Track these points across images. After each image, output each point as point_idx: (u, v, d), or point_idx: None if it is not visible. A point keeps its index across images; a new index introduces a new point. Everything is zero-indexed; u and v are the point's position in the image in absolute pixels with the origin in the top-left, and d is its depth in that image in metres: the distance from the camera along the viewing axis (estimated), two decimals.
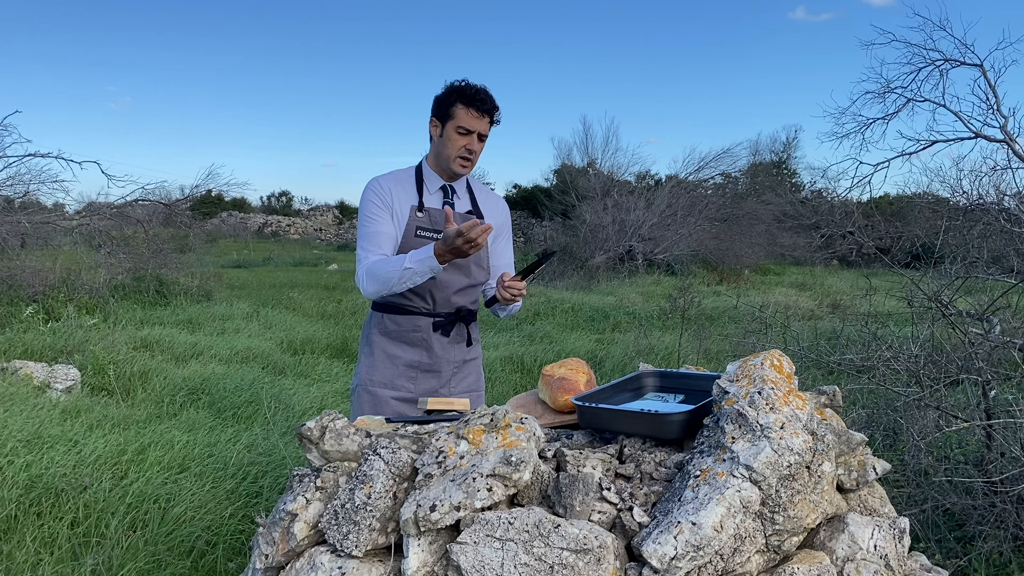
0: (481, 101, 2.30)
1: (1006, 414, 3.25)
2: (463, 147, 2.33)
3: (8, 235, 10.44)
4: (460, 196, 2.47)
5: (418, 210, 2.37)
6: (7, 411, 4.12)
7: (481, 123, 2.32)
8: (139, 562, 2.78)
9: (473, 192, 2.53)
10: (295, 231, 32.86)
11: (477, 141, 2.34)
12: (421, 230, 2.37)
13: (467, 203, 2.49)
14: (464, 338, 2.49)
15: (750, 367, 1.61)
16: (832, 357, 4.32)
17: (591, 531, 1.31)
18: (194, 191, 14.02)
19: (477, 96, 2.30)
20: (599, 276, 16.17)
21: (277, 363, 6.70)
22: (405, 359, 2.43)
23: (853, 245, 7.27)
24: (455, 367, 2.48)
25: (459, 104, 2.31)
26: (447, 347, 2.45)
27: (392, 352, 2.43)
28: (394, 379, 2.43)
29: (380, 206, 2.37)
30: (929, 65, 5.96)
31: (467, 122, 2.31)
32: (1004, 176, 5.42)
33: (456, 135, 2.33)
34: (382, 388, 2.43)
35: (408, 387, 2.43)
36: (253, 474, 3.60)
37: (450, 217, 2.25)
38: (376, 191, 2.39)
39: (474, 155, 2.36)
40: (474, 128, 2.32)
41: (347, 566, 1.38)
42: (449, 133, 2.34)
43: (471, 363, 2.55)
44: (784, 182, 26.70)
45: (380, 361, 2.44)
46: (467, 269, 2.41)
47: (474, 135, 2.33)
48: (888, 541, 1.51)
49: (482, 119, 2.32)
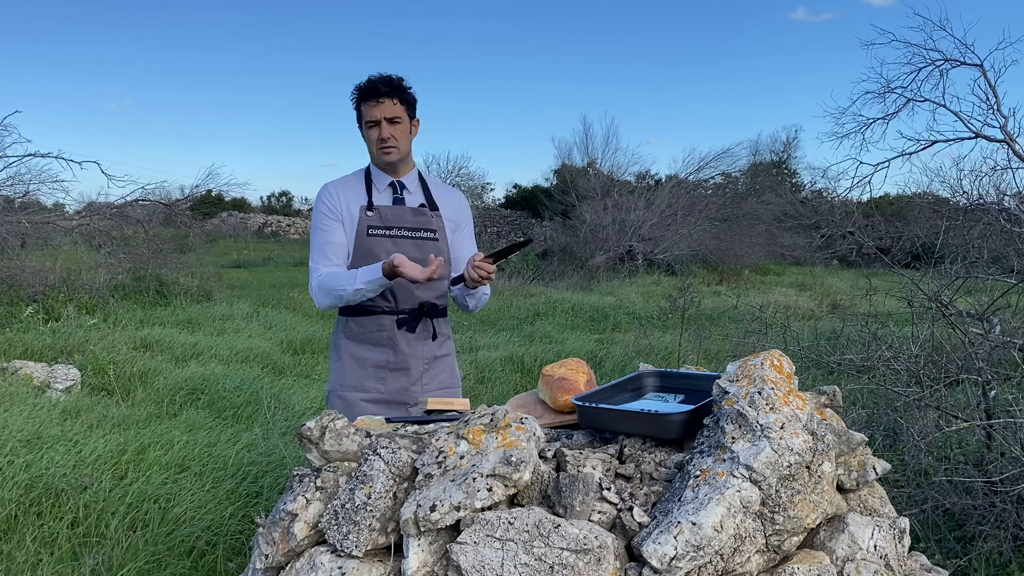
0: (374, 89, 2.33)
1: (1006, 414, 3.25)
2: (377, 138, 2.38)
3: (8, 235, 10.44)
4: (411, 191, 2.48)
5: (368, 210, 2.40)
6: (7, 411, 4.11)
7: (383, 108, 2.34)
8: (139, 562, 2.78)
9: (428, 186, 2.52)
10: (295, 231, 32.85)
11: (388, 126, 2.36)
12: (372, 229, 2.39)
13: (419, 197, 2.49)
14: (430, 333, 2.48)
15: (750, 367, 1.61)
16: (832, 357, 4.32)
17: (591, 531, 1.31)
18: (194, 191, 14.04)
19: (370, 87, 2.35)
20: (599, 276, 16.17)
21: (277, 363, 6.70)
22: (372, 360, 2.43)
23: (853, 245, 7.27)
24: (425, 364, 2.47)
25: (360, 102, 2.38)
26: (413, 344, 2.44)
27: (359, 354, 2.43)
28: (363, 381, 2.43)
29: (330, 216, 2.41)
30: (929, 65, 5.96)
31: (370, 114, 2.36)
32: (1004, 176, 5.43)
33: (368, 130, 2.39)
34: (352, 392, 2.43)
35: (378, 388, 2.43)
36: (253, 474, 3.60)
37: (403, 263, 2.22)
38: (326, 200, 2.43)
39: (392, 140, 2.38)
40: (377, 116, 2.35)
41: (347, 566, 1.38)
42: (364, 131, 2.42)
43: (442, 360, 2.54)
44: (784, 182, 26.71)
45: (348, 365, 2.44)
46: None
47: (381, 123, 2.36)
48: (888, 541, 1.51)
49: (382, 104, 2.34)
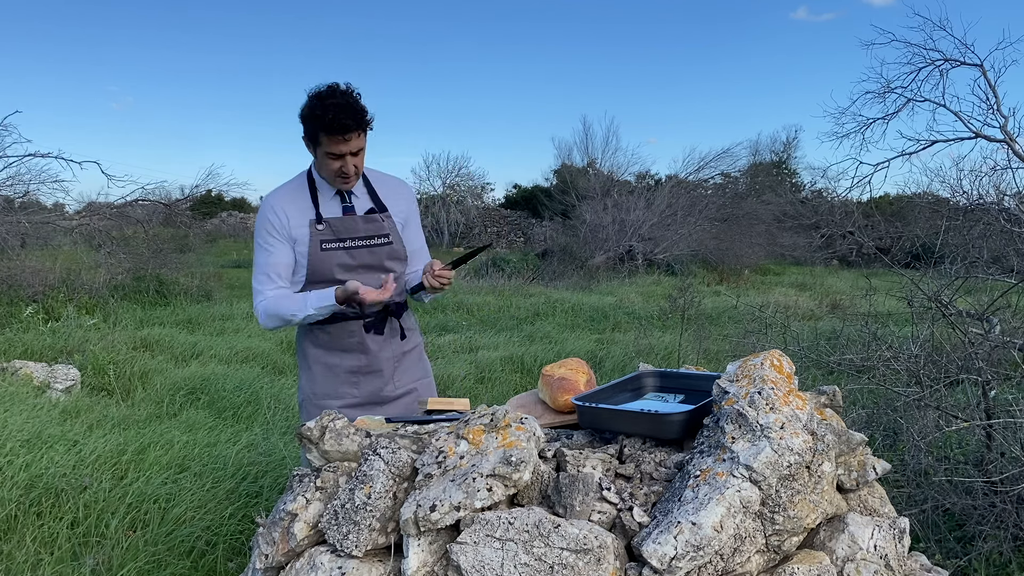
0: (343, 126, 2.17)
1: (1006, 414, 3.25)
2: (338, 170, 2.26)
3: (8, 235, 10.44)
4: (358, 195, 2.39)
5: (317, 223, 2.31)
6: (7, 411, 4.11)
7: (349, 144, 2.22)
8: (139, 562, 2.78)
9: (372, 185, 2.43)
10: None
11: (352, 158, 2.25)
12: (325, 243, 2.30)
13: (367, 200, 2.40)
14: (397, 332, 2.48)
15: (750, 367, 1.61)
16: (832, 357, 4.32)
17: (591, 531, 1.31)
18: (194, 191, 14.04)
19: (336, 122, 2.17)
20: (599, 276, 16.16)
21: (277, 363, 6.70)
22: (344, 366, 2.41)
23: (853, 245, 7.28)
24: (395, 362, 2.47)
25: (321, 132, 2.21)
26: (383, 345, 2.44)
27: (329, 362, 2.41)
28: (337, 388, 2.42)
29: (274, 235, 2.31)
30: (929, 65, 5.96)
31: (335, 148, 2.22)
32: (1004, 176, 5.43)
33: (328, 160, 2.25)
34: (326, 399, 2.41)
35: (352, 393, 2.42)
36: (253, 474, 3.60)
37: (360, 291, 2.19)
38: (269, 218, 2.31)
39: (353, 170, 2.27)
40: (343, 151, 2.22)
41: (347, 566, 1.38)
42: (322, 158, 2.27)
43: (410, 354, 2.52)
44: (784, 182, 26.70)
45: (319, 374, 2.42)
46: (382, 267, 2.37)
47: (346, 156, 2.24)
48: (888, 541, 1.51)
49: (348, 141, 2.21)
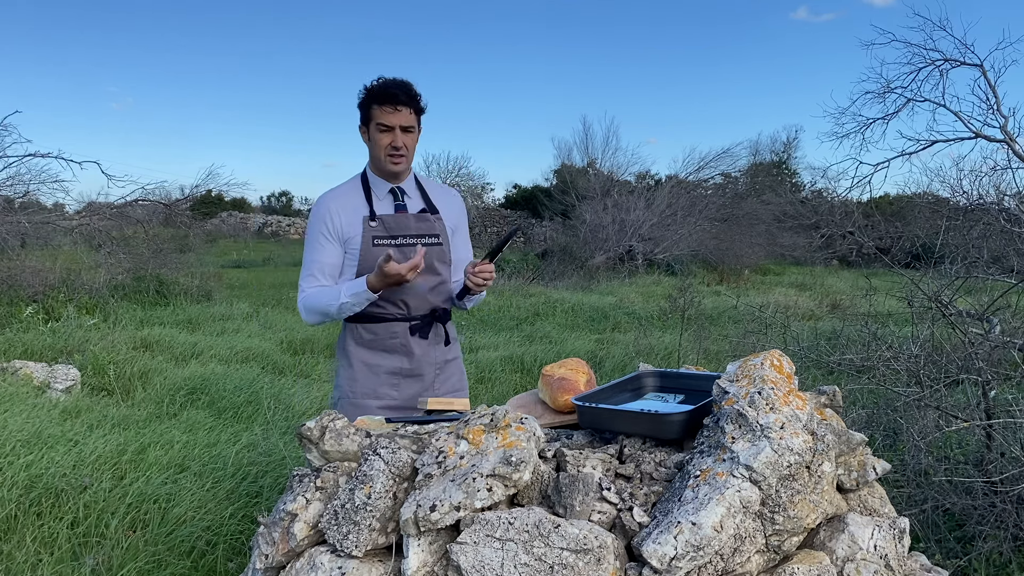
0: (393, 95, 2.28)
1: (1006, 414, 3.25)
2: (388, 144, 2.33)
3: (8, 235, 10.44)
4: (411, 196, 2.45)
5: (370, 220, 2.36)
6: (7, 411, 4.11)
7: (399, 116, 2.30)
8: (139, 562, 2.78)
9: (425, 189, 2.49)
10: (295, 231, 32.83)
11: (402, 134, 2.33)
12: (377, 239, 2.35)
13: (419, 202, 2.46)
14: (442, 338, 2.48)
15: (750, 367, 1.61)
16: (832, 357, 4.32)
17: (591, 531, 1.31)
18: (194, 191, 14.03)
19: (388, 91, 2.29)
20: (599, 276, 16.16)
21: (277, 363, 6.70)
22: (386, 367, 2.41)
23: (853, 245, 7.28)
24: (437, 368, 2.47)
25: (374, 104, 2.32)
26: (427, 350, 2.44)
27: (372, 361, 2.41)
28: (377, 388, 2.41)
29: (325, 234, 2.37)
30: (929, 65, 5.97)
31: (385, 119, 2.30)
32: (1004, 176, 5.44)
33: (379, 134, 2.33)
34: (365, 399, 2.41)
35: (392, 395, 2.41)
36: (253, 474, 3.60)
37: (391, 259, 2.20)
38: (322, 217, 2.38)
39: (403, 149, 2.34)
40: (393, 123, 2.30)
41: (347, 566, 1.38)
42: (373, 134, 2.35)
43: (452, 363, 2.53)
44: (784, 182, 26.72)
45: (360, 372, 2.42)
46: (432, 268, 2.39)
47: (395, 130, 2.31)
48: (888, 541, 1.51)
49: (399, 112, 2.30)
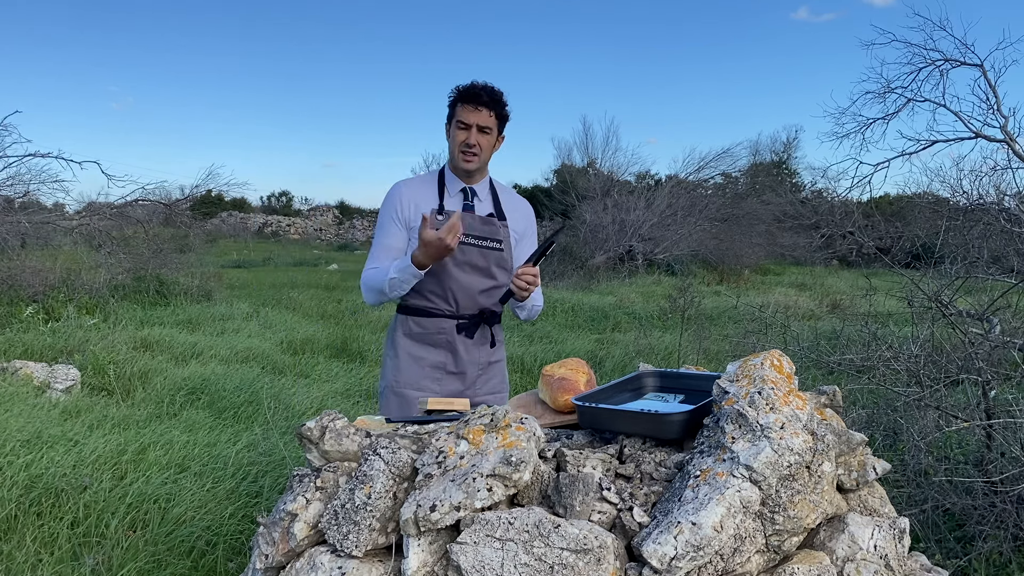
0: (476, 95, 2.38)
1: (1006, 414, 3.25)
2: (462, 141, 2.41)
3: (8, 235, 10.43)
4: (481, 199, 2.50)
5: (438, 213, 2.43)
6: (7, 411, 4.11)
7: (478, 116, 2.38)
8: (139, 562, 2.78)
9: (497, 194, 2.55)
10: (295, 231, 32.86)
11: (478, 133, 2.40)
12: None
13: (488, 205, 2.51)
14: (488, 340, 2.51)
15: (750, 367, 1.60)
16: (832, 357, 4.32)
17: (591, 531, 1.31)
18: (194, 191, 14.00)
19: (472, 91, 2.39)
20: (599, 276, 16.16)
21: (277, 363, 6.70)
22: (430, 361, 2.45)
23: (853, 245, 7.28)
24: (480, 369, 2.50)
25: (459, 103, 2.41)
26: (471, 349, 2.47)
27: (417, 354, 2.46)
28: (420, 380, 2.45)
29: (394, 219, 2.45)
30: (929, 65, 5.97)
31: (464, 116, 2.39)
32: (1004, 176, 5.44)
33: (457, 130, 2.42)
34: (408, 389, 2.45)
35: (433, 388, 2.45)
36: (253, 474, 3.60)
37: (425, 221, 2.25)
38: (394, 202, 2.46)
39: (476, 148, 2.41)
40: (471, 121, 2.38)
41: (347, 566, 1.38)
42: (452, 130, 2.44)
43: (496, 365, 2.56)
44: (784, 182, 26.70)
45: (405, 363, 2.46)
46: (488, 271, 2.43)
47: (472, 128, 2.39)
48: (888, 541, 1.51)
49: (479, 112, 2.38)
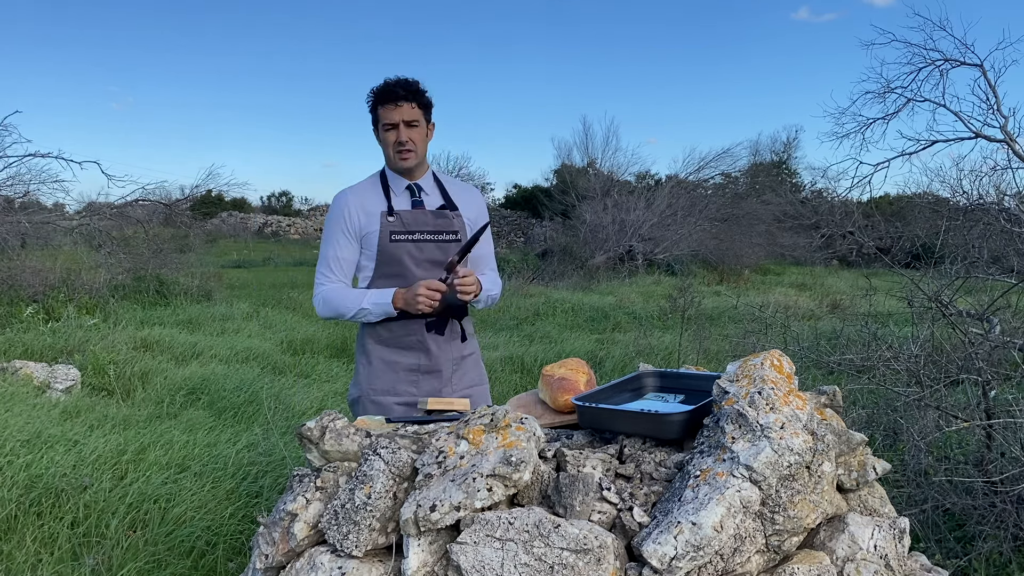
0: (392, 93, 2.33)
1: (1006, 414, 3.25)
2: (394, 141, 2.37)
3: (8, 235, 10.44)
4: (428, 192, 2.48)
5: (388, 215, 2.40)
6: (7, 411, 4.12)
7: (400, 112, 2.34)
8: (139, 562, 2.78)
9: (444, 186, 2.53)
10: (295, 231, 32.84)
11: (407, 129, 2.36)
12: (395, 234, 2.38)
13: (437, 198, 2.49)
14: (458, 334, 2.51)
15: (750, 367, 1.60)
16: (832, 357, 4.32)
17: (591, 531, 1.31)
18: (194, 191, 14.04)
19: (387, 89, 2.35)
20: (599, 276, 16.17)
21: (277, 363, 6.70)
22: (404, 364, 2.44)
23: (853, 245, 7.28)
24: (455, 365, 2.49)
25: (378, 106, 2.38)
26: (443, 346, 2.46)
27: (390, 359, 2.44)
28: (396, 385, 2.44)
29: (343, 231, 2.42)
30: (929, 65, 5.98)
31: (388, 117, 2.35)
32: (1004, 176, 5.45)
33: (384, 133, 2.38)
34: (385, 396, 2.43)
35: (411, 391, 2.44)
36: (253, 474, 3.60)
37: (432, 284, 2.28)
38: (341, 212, 2.42)
39: (409, 143, 2.38)
40: (395, 119, 2.35)
41: (347, 566, 1.38)
42: (380, 134, 2.41)
43: (469, 358, 2.56)
44: (784, 182, 26.71)
45: (379, 369, 2.44)
46: (449, 266, 2.41)
47: (399, 126, 2.35)
48: (888, 541, 1.51)
49: (400, 108, 2.34)
